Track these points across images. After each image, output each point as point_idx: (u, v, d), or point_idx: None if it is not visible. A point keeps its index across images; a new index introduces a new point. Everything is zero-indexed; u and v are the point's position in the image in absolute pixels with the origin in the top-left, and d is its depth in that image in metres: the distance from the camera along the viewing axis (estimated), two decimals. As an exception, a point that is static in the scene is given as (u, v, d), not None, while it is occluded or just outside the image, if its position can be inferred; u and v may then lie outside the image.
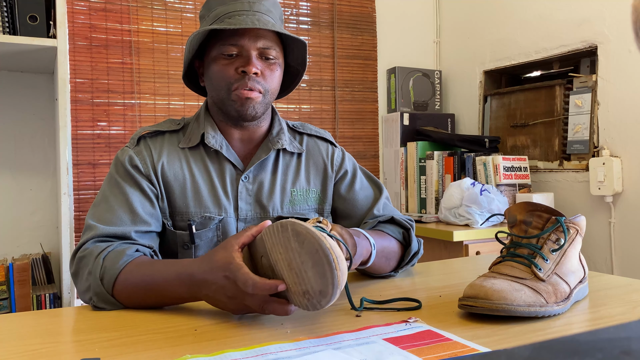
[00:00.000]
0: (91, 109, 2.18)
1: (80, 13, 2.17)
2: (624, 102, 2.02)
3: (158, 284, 0.85)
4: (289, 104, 2.57)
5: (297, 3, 2.60)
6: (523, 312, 0.74)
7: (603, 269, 2.08)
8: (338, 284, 0.68)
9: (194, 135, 1.09)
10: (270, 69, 1.05)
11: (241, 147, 1.11)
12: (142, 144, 1.06)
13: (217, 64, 1.04)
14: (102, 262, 0.88)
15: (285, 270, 0.73)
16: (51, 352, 0.68)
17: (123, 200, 0.99)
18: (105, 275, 0.87)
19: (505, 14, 2.54)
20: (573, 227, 0.84)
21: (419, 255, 1.10)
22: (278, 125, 1.14)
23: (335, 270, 0.68)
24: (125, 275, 0.87)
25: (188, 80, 1.16)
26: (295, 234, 0.71)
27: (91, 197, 2.16)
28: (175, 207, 1.04)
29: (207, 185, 1.06)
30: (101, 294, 0.87)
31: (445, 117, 2.75)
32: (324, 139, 1.20)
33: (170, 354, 0.65)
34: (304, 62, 1.15)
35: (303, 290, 0.71)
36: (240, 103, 1.03)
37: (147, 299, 0.87)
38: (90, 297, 0.89)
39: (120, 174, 1.03)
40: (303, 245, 0.70)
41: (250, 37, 1.03)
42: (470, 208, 2.02)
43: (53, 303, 1.83)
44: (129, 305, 0.88)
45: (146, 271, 0.87)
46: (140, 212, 0.99)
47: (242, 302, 0.76)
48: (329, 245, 0.69)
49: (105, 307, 0.88)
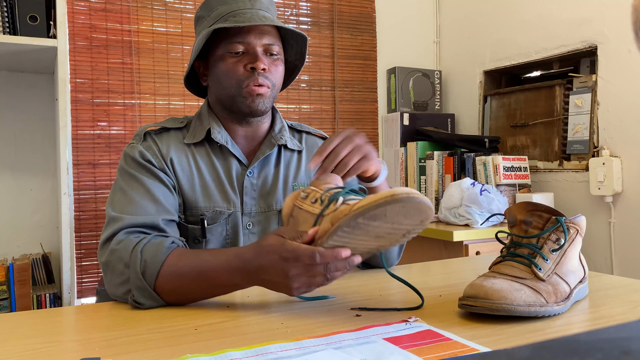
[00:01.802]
0: (91, 109, 2.18)
1: (81, 13, 2.17)
2: (624, 102, 2.02)
3: (207, 273, 0.85)
4: (289, 104, 2.58)
5: (297, 3, 2.60)
6: (523, 312, 0.74)
7: (603, 269, 2.08)
8: (429, 203, 0.73)
9: (198, 132, 1.09)
10: (275, 64, 1.08)
11: (245, 143, 1.13)
12: (149, 140, 1.06)
13: (224, 63, 1.05)
14: (140, 256, 0.87)
15: (374, 241, 0.77)
16: (51, 352, 0.68)
17: (144, 191, 0.98)
18: (147, 269, 0.86)
19: (505, 14, 2.54)
20: (573, 227, 0.84)
21: (402, 248, 1.16)
22: (280, 123, 1.17)
23: (419, 198, 0.71)
24: (169, 268, 0.86)
25: (187, 80, 1.16)
26: (371, 218, 0.72)
27: (91, 197, 2.16)
28: (185, 202, 1.05)
29: (214, 180, 1.07)
30: (143, 288, 0.85)
31: (445, 117, 2.75)
32: (322, 137, 1.25)
33: (170, 354, 0.65)
34: (303, 56, 1.18)
35: (402, 234, 0.77)
36: (252, 99, 1.04)
37: (194, 290, 0.86)
38: (126, 291, 0.87)
39: (135, 168, 1.02)
40: (385, 218, 0.72)
41: (256, 35, 1.04)
42: (470, 208, 2.02)
43: (53, 303, 1.83)
44: (171, 300, 0.86)
45: (192, 261, 0.87)
46: (164, 202, 0.99)
47: (305, 276, 0.77)
48: (396, 195, 0.70)
49: (144, 304, 0.86)
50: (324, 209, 0.78)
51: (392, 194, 0.70)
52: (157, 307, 0.87)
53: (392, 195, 0.70)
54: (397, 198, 0.70)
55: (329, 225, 0.76)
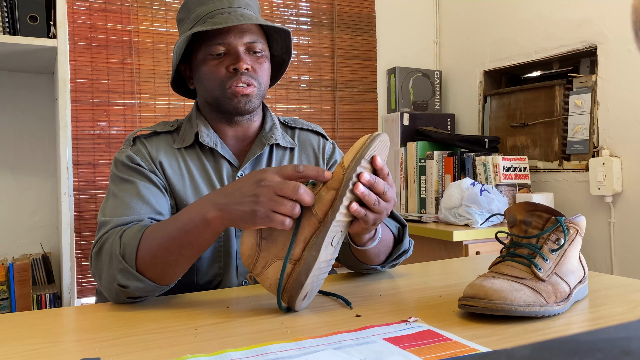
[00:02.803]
0: (91, 109, 2.18)
1: (81, 13, 2.17)
2: (624, 102, 2.03)
3: (181, 221, 0.84)
4: (288, 104, 2.58)
5: (297, 3, 2.60)
6: (523, 312, 0.74)
7: (603, 269, 2.08)
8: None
9: (187, 135, 1.09)
10: (259, 62, 1.06)
11: (235, 144, 1.12)
12: (138, 144, 1.07)
13: (206, 65, 1.04)
14: (120, 240, 0.87)
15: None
16: (51, 352, 0.68)
17: (134, 193, 0.99)
18: (126, 250, 0.86)
19: (505, 14, 2.54)
20: (573, 227, 0.84)
21: (408, 254, 1.09)
22: (270, 121, 1.15)
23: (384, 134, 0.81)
24: (145, 241, 0.86)
25: (175, 84, 1.16)
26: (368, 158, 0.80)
27: (91, 197, 2.16)
28: (177, 203, 1.05)
29: (205, 183, 1.07)
30: (125, 269, 0.85)
31: (445, 117, 2.75)
32: (316, 132, 1.22)
33: (170, 354, 0.65)
34: (289, 50, 1.16)
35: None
36: (237, 99, 1.03)
37: (171, 248, 0.84)
38: (115, 282, 0.86)
39: (125, 172, 1.02)
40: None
41: (236, 34, 1.03)
42: (470, 208, 2.02)
43: (53, 303, 1.83)
44: (154, 276, 0.86)
45: (164, 226, 0.87)
46: (154, 202, 0.99)
47: (273, 202, 0.76)
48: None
49: (129, 286, 0.85)
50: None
51: (369, 135, 0.80)
52: (145, 290, 0.86)
53: (371, 136, 0.80)
54: (375, 135, 0.80)
55: (332, 193, 0.78)
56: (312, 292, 0.83)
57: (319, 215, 0.78)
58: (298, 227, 0.78)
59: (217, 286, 1.05)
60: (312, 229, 0.78)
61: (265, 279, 0.80)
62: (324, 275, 0.84)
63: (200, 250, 0.86)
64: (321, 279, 0.83)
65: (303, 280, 0.77)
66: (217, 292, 0.97)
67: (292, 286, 0.78)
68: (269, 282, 0.80)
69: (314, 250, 0.77)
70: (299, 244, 0.78)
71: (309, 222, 0.78)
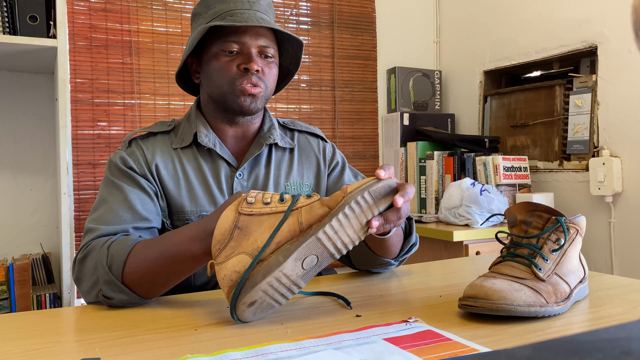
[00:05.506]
0: (91, 109, 2.18)
1: (81, 13, 2.17)
2: (624, 102, 2.02)
3: (168, 249, 0.85)
4: (289, 104, 2.58)
5: (297, 3, 2.60)
6: (523, 312, 0.74)
7: (603, 269, 2.08)
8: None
9: (186, 135, 1.09)
10: (269, 66, 1.07)
11: (234, 144, 1.12)
12: (133, 146, 1.07)
13: (218, 61, 1.04)
14: (107, 251, 0.88)
15: (356, 230, 0.78)
16: (51, 352, 0.68)
17: (122, 199, 0.99)
18: (114, 262, 0.86)
19: (505, 14, 2.54)
20: (573, 227, 0.84)
21: (415, 247, 1.10)
22: (269, 122, 1.16)
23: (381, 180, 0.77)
24: (134, 257, 0.86)
25: (180, 78, 1.16)
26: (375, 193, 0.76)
27: (91, 197, 2.16)
28: (172, 207, 1.05)
29: (201, 184, 1.06)
30: (110, 281, 0.85)
31: (445, 117, 2.75)
32: (315, 135, 1.22)
33: (170, 354, 0.65)
34: (298, 61, 1.17)
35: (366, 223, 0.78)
36: (244, 97, 1.04)
37: (160, 273, 0.85)
38: (98, 291, 0.87)
39: (116, 175, 1.03)
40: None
41: (252, 36, 1.04)
42: (470, 208, 2.02)
43: (53, 303, 1.83)
44: (140, 291, 0.86)
45: (155, 244, 0.87)
46: (140, 210, 0.99)
47: None
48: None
49: (113, 298, 0.86)
50: (293, 203, 0.77)
51: (379, 176, 0.77)
52: (128, 301, 0.87)
53: (382, 180, 0.77)
54: (386, 179, 0.77)
55: (325, 209, 0.75)
56: (262, 306, 0.76)
57: (303, 225, 0.75)
58: (278, 229, 0.75)
59: (213, 287, 1.06)
60: (291, 235, 0.75)
61: (222, 269, 0.75)
62: (281, 296, 0.76)
63: (190, 273, 0.88)
64: (277, 298, 0.76)
65: (257, 281, 0.72)
66: (217, 292, 0.97)
67: (243, 285, 0.74)
68: (224, 273, 0.75)
69: (281, 256, 0.73)
70: (271, 245, 0.75)
71: (291, 228, 0.75)
